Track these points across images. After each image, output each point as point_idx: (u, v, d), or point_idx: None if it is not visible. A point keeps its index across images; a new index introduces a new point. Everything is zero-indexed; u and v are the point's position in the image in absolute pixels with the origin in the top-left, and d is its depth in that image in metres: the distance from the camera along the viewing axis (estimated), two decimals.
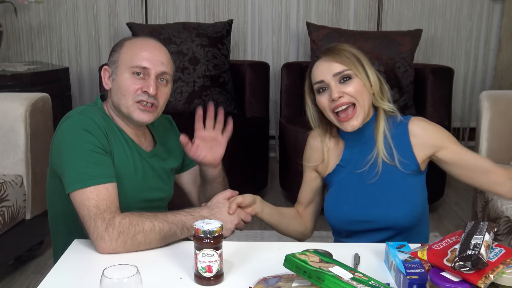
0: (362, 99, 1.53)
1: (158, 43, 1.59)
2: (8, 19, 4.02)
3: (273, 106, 4.06)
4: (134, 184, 1.56)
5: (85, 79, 4.16)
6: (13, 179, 2.36)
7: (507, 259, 1.10)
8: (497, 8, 4.11)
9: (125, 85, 1.53)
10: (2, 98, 2.48)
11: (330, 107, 1.54)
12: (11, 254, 2.47)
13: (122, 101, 1.53)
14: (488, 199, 2.25)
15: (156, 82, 1.53)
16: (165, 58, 1.56)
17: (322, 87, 1.55)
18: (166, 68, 1.55)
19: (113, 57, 1.58)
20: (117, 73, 1.55)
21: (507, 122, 2.53)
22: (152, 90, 1.51)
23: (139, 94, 1.52)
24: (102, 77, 1.60)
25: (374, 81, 1.56)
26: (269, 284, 1.21)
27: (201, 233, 1.25)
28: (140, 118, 1.54)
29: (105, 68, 1.60)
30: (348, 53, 1.55)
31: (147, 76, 1.52)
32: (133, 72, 1.52)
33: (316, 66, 1.58)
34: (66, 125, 1.49)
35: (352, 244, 1.51)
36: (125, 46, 1.57)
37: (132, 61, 1.52)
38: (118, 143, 1.55)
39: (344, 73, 1.53)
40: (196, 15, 4.06)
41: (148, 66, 1.52)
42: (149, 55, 1.53)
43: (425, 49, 4.10)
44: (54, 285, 1.29)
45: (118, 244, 1.38)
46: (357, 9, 4.08)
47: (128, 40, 1.60)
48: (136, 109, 1.53)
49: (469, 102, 4.24)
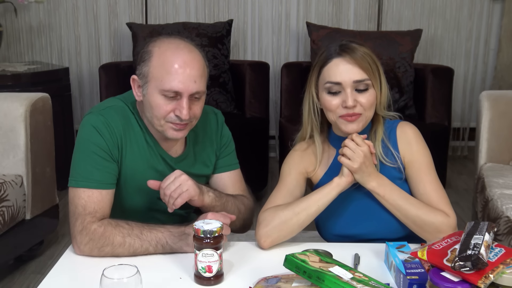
0: (369, 110, 1.48)
1: (191, 52, 1.45)
2: (8, 19, 4.02)
3: (273, 106, 4.06)
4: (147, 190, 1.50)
5: (85, 79, 4.16)
6: (13, 179, 2.36)
7: (507, 259, 1.10)
8: (497, 8, 4.11)
9: (156, 107, 1.44)
10: (2, 98, 2.48)
11: (337, 112, 1.47)
12: (11, 254, 2.47)
13: (154, 120, 1.47)
14: (488, 199, 2.25)
15: (189, 102, 1.44)
16: (198, 73, 1.44)
17: (336, 90, 1.46)
18: (198, 86, 1.44)
19: (142, 69, 1.47)
20: (147, 90, 1.46)
21: (507, 122, 2.53)
22: (185, 114, 1.43)
23: (172, 117, 1.44)
24: (131, 86, 1.52)
25: (385, 91, 1.52)
26: (269, 284, 1.21)
27: (201, 233, 1.24)
28: (174, 136, 1.48)
29: (134, 78, 1.50)
30: (370, 60, 1.46)
31: (179, 97, 1.43)
32: (164, 95, 1.43)
33: (335, 64, 1.46)
34: (84, 120, 1.49)
35: (352, 244, 1.50)
36: (154, 57, 1.44)
37: (162, 83, 1.42)
38: (135, 148, 1.51)
39: (365, 83, 1.45)
40: (196, 15, 4.06)
41: (180, 90, 1.42)
42: (181, 76, 1.41)
43: (425, 49, 4.10)
44: (54, 285, 1.29)
45: (86, 250, 1.41)
46: (357, 9, 4.08)
47: (157, 47, 1.46)
48: (169, 128, 1.46)
49: (469, 102, 4.24)
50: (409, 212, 1.45)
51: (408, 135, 1.54)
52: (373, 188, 1.46)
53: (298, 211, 1.46)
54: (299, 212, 1.46)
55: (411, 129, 1.55)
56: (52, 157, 2.63)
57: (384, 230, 1.52)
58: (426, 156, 1.53)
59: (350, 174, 1.46)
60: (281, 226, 1.46)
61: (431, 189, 1.49)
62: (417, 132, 1.55)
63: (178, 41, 1.48)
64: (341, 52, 1.46)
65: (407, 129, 1.55)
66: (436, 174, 1.52)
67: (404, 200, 1.46)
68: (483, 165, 2.52)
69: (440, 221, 1.43)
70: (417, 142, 1.54)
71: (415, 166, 1.51)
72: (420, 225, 1.45)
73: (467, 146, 4.31)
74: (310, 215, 1.47)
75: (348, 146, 1.44)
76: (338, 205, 1.52)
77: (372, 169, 1.46)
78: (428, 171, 1.51)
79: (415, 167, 1.51)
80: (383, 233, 1.51)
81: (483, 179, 2.38)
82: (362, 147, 1.43)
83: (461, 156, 4.31)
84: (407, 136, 1.54)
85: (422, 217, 1.44)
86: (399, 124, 1.56)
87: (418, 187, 1.50)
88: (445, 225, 1.43)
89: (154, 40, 1.49)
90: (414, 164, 1.51)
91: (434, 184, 1.50)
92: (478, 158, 2.57)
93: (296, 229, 1.47)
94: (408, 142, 1.53)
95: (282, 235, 1.47)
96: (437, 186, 1.50)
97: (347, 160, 1.44)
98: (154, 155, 1.54)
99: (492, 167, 2.47)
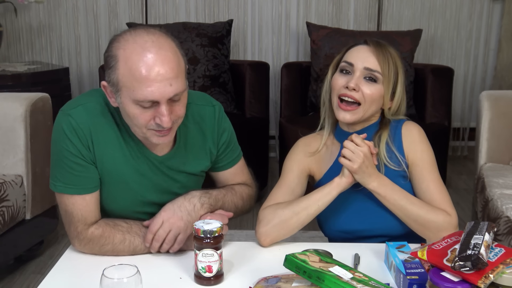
0: (369, 105, 1.49)
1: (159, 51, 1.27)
2: (8, 19, 4.02)
3: (273, 106, 4.06)
4: (129, 192, 1.45)
5: (85, 79, 4.16)
6: (13, 179, 2.36)
7: (507, 259, 1.10)
8: (497, 8, 4.11)
9: (133, 116, 1.30)
10: (2, 98, 2.48)
11: (339, 90, 1.50)
12: (11, 254, 2.47)
13: (135, 129, 1.35)
14: (488, 199, 2.25)
15: (168, 107, 1.29)
16: (172, 73, 1.27)
17: (347, 69, 1.51)
18: (175, 88, 1.28)
19: (110, 76, 1.30)
20: (121, 99, 1.30)
21: (507, 122, 2.53)
22: (167, 122, 1.29)
23: (152, 124, 1.31)
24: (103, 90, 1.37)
25: (397, 99, 1.54)
26: (269, 284, 1.21)
27: (201, 233, 1.24)
28: (159, 141, 1.36)
29: (104, 85, 1.35)
30: (393, 60, 1.50)
31: (156, 104, 1.28)
32: (140, 105, 1.28)
33: (357, 48, 1.53)
34: (57, 117, 1.40)
35: (352, 244, 1.51)
36: (120, 63, 1.27)
37: (135, 93, 1.26)
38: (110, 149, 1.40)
39: (374, 74, 1.48)
40: (196, 15, 4.06)
41: (156, 98, 1.27)
42: (153, 82, 1.25)
43: (425, 49, 4.10)
44: (54, 285, 1.29)
45: (86, 249, 1.43)
46: (357, 9, 4.08)
47: (121, 49, 1.28)
48: (152, 135, 1.34)
49: (469, 102, 4.24)
50: (411, 212, 1.45)
51: (413, 134, 1.55)
52: (374, 188, 1.46)
53: (298, 210, 1.47)
54: (299, 212, 1.46)
55: (416, 129, 1.56)
56: None
57: (385, 226, 1.52)
58: (429, 155, 1.54)
59: (350, 174, 1.46)
60: (281, 225, 1.46)
61: (433, 188, 1.50)
62: (422, 132, 1.57)
63: (143, 37, 1.28)
64: (369, 42, 1.53)
65: (412, 128, 1.56)
66: (438, 174, 1.53)
67: (406, 200, 1.46)
68: (483, 165, 2.52)
69: (442, 220, 1.44)
70: (422, 141, 1.55)
71: (419, 164, 1.52)
72: (422, 224, 1.45)
73: (467, 146, 4.31)
74: (310, 215, 1.47)
75: (347, 147, 1.44)
76: (340, 202, 1.53)
77: (373, 170, 1.46)
78: (431, 170, 1.52)
79: (418, 165, 1.52)
80: (384, 229, 1.52)
81: (483, 179, 2.38)
82: (361, 147, 1.43)
83: (461, 156, 4.31)
84: (412, 135, 1.55)
85: (423, 216, 1.45)
86: (404, 124, 1.57)
87: (421, 185, 1.51)
88: (447, 223, 1.44)
89: (118, 40, 1.30)
90: (418, 162, 1.52)
91: (436, 183, 1.51)
92: (478, 158, 2.57)
93: (296, 228, 1.48)
94: (413, 141, 1.54)
95: (282, 234, 1.48)
96: (440, 185, 1.51)
97: (346, 161, 1.44)
98: (135, 155, 1.43)
99: (492, 167, 2.47)
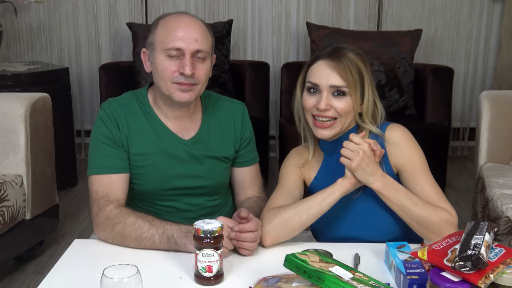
0: (345, 117, 1.49)
1: (192, 18, 1.57)
2: (8, 19, 4.02)
3: (273, 106, 4.06)
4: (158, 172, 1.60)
5: (85, 79, 4.16)
6: (13, 179, 2.36)
7: (507, 259, 1.11)
8: (497, 8, 4.11)
9: (162, 68, 1.53)
10: (2, 98, 2.48)
11: (312, 111, 1.49)
12: (11, 254, 2.47)
13: (162, 84, 1.55)
14: (488, 199, 2.25)
15: (192, 61, 1.52)
16: (199, 34, 1.54)
17: (314, 89, 1.49)
18: (200, 45, 1.53)
19: (149, 39, 1.58)
20: (154, 55, 1.56)
21: (507, 122, 2.53)
22: (188, 70, 1.50)
23: (177, 76, 1.52)
24: (142, 60, 1.62)
25: (367, 103, 1.51)
26: (269, 284, 1.21)
27: (201, 233, 1.24)
28: (180, 98, 1.54)
29: (144, 51, 1.61)
30: (354, 67, 1.47)
31: (182, 56, 1.52)
32: (168, 55, 1.52)
33: (317, 66, 1.50)
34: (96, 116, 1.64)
35: (352, 244, 1.50)
36: (159, 26, 1.56)
37: (165, 43, 1.52)
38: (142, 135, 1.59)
39: (341, 89, 1.46)
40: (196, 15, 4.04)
41: (182, 46, 1.51)
42: (182, 34, 1.52)
43: (425, 49, 4.10)
44: (54, 285, 1.29)
45: (101, 228, 1.49)
46: (357, 9, 4.08)
47: (162, 18, 1.58)
48: (175, 90, 1.54)
49: (469, 102, 4.24)
50: (414, 212, 1.44)
51: (396, 139, 1.51)
52: (377, 188, 1.45)
53: (300, 210, 1.47)
54: (301, 211, 1.46)
55: (400, 131, 1.53)
56: (52, 157, 2.63)
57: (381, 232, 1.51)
58: (419, 157, 1.51)
59: (352, 175, 1.45)
60: (283, 224, 1.46)
61: (429, 190, 1.48)
62: (406, 133, 1.53)
63: (182, 13, 1.60)
64: (329, 55, 1.49)
65: (394, 132, 1.52)
66: (431, 174, 1.51)
67: (409, 200, 1.44)
68: (483, 165, 2.52)
69: (445, 221, 1.43)
70: (408, 144, 1.51)
71: (409, 169, 1.50)
72: (424, 225, 1.44)
73: (467, 146, 4.31)
74: (312, 215, 1.47)
75: (347, 147, 1.44)
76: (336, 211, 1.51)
77: (375, 168, 1.44)
78: (423, 172, 1.50)
79: (408, 170, 1.50)
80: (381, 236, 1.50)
81: (483, 179, 2.38)
82: (361, 145, 1.43)
83: (461, 156, 4.31)
84: (396, 141, 1.51)
85: (427, 217, 1.43)
86: (387, 128, 1.53)
87: (415, 188, 1.48)
88: (449, 224, 1.43)
89: (160, 17, 1.61)
90: (407, 167, 1.50)
91: (430, 184, 1.49)
92: (478, 158, 2.57)
93: (298, 229, 1.48)
94: (398, 147, 1.50)
95: (284, 234, 1.48)
96: (434, 185, 1.49)
97: (346, 160, 1.44)
98: (165, 139, 1.61)
99: (492, 167, 2.47)
